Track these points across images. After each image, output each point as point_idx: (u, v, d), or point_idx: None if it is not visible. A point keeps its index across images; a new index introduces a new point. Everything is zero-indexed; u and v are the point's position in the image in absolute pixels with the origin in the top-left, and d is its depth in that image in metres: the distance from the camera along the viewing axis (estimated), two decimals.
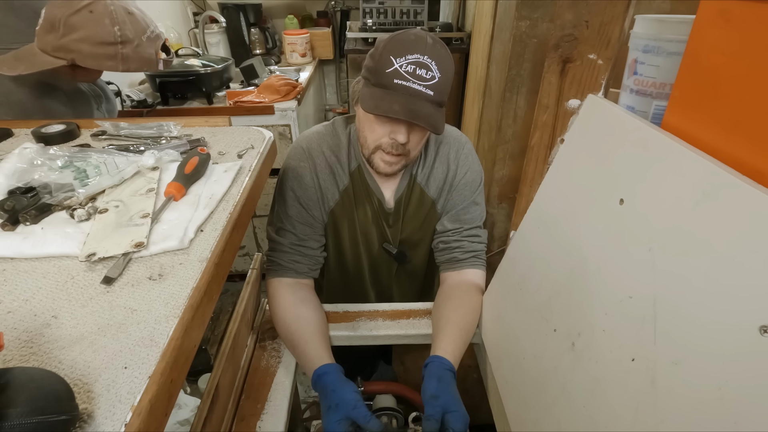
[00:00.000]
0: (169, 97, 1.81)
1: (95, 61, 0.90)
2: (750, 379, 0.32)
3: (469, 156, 0.91)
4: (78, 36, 0.87)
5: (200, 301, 0.46)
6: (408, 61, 0.71)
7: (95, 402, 0.36)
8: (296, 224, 0.86)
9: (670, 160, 0.43)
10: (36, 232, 0.54)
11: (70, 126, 0.79)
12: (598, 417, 0.49)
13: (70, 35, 0.87)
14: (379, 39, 0.77)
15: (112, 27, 0.88)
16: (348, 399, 0.67)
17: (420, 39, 0.72)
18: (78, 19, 0.87)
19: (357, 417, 0.66)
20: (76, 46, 0.88)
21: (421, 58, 0.71)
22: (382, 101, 0.72)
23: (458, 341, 0.78)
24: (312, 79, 2.15)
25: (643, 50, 0.50)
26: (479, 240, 0.92)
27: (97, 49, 0.89)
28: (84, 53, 0.88)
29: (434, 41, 0.74)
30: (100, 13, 0.88)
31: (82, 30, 0.87)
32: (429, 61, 0.71)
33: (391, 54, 0.72)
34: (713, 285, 0.36)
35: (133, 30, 0.92)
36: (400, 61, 0.71)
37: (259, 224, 2.01)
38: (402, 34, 0.74)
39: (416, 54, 0.71)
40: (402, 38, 0.73)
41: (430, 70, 0.71)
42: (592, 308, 0.52)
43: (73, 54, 0.88)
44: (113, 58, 0.91)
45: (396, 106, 0.72)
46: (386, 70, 0.72)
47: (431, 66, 0.71)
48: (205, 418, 0.65)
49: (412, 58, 0.71)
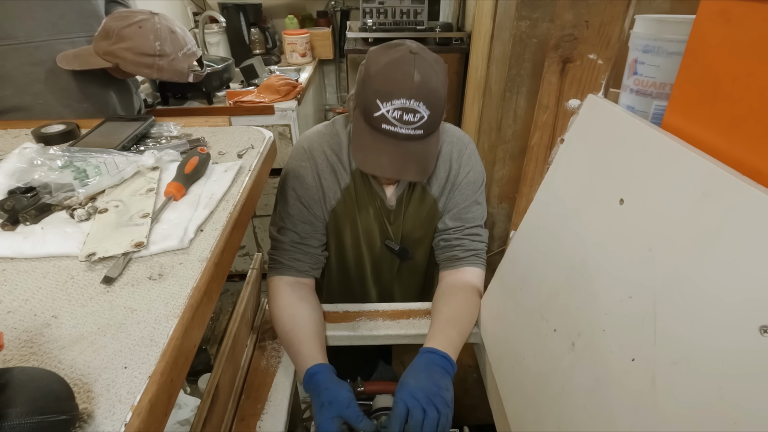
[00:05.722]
0: (169, 97, 1.81)
1: (135, 68, 1.07)
2: (750, 379, 0.32)
3: (472, 156, 0.91)
4: (125, 45, 1.03)
5: (200, 301, 0.46)
6: (395, 106, 0.69)
7: (95, 402, 0.36)
8: (297, 223, 0.87)
9: (670, 160, 0.43)
10: (36, 231, 0.54)
11: (70, 126, 0.79)
12: (598, 417, 0.49)
13: (119, 44, 1.03)
14: (368, 59, 0.75)
15: (154, 42, 1.04)
16: (342, 398, 0.68)
17: (406, 77, 0.69)
18: (128, 32, 1.03)
19: (349, 416, 0.66)
20: (121, 54, 1.04)
21: (407, 103, 0.69)
22: (371, 152, 0.73)
23: (449, 331, 0.78)
24: (312, 79, 2.15)
25: (643, 50, 0.50)
26: (480, 239, 0.92)
27: (138, 58, 1.05)
28: (127, 60, 1.04)
29: (422, 74, 0.69)
30: (147, 29, 1.04)
31: (130, 41, 1.03)
32: (416, 104, 0.69)
33: (378, 97, 0.70)
34: (713, 285, 0.36)
35: (172, 46, 1.08)
36: (386, 106, 0.70)
37: (259, 224, 2.01)
38: (388, 69, 0.70)
39: (402, 99, 0.69)
40: (388, 76, 0.70)
41: (418, 112, 0.70)
42: (592, 308, 0.52)
43: (118, 60, 1.05)
44: (150, 67, 1.07)
45: (384, 160, 0.73)
46: (374, 114, 0.71)
47: (419, 108, 0.70)
48: (205, 418, 0.65)
49: (399, 103, 0.69)
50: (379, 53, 0.74)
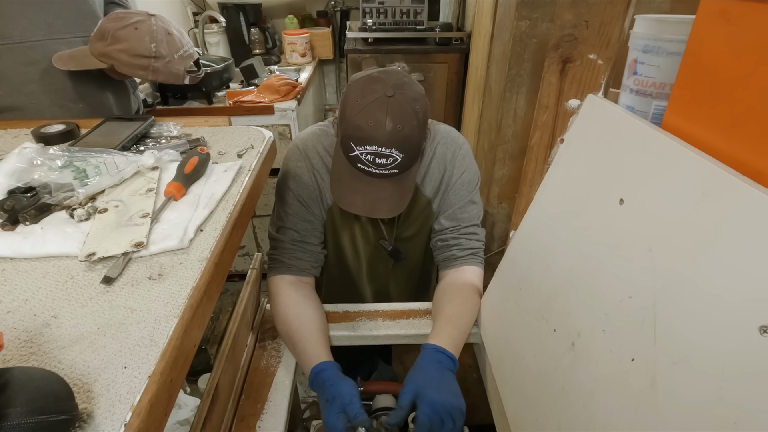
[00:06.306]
0: (169, 97, 1.80)
1: (130, 69, 1.06)
2: (750, 379, 0.32)
3: (466, 157, 0.92)
4: (120, 47, 1.03)
5: (200, 301, 0.46)
6: (367, 151, 0.71)
7: (95, 402, 0.36)
8: (297, 222, 0.87)
9: (670, 160, 0.43)
10: (36, 231, 0.54)
11: (69, 126, 0.79)
12: (598, 417, 0.49)
13: (114, 45, 1.02)
14: (346, 95, 0.75)
15: (149, 44, 1.03)
16: (345, 392, 0.68)
17: (378, 125, 0.69)
18: (124, 33, 1.02)
19: (349, 411, 0.67)
20: (117, 55, 1.03)
21: (379, 149, 0.71)
22: (347, 189, 0.77)
23: (452, 330, 0.78)
24: (312, 79, 2.15)
25: (643, 50, 0.50)
26: (477, 238, 0.92)
27: (134, 59, 1.04)
28: (122, 61, 1.04)
29: (394, 121, 0.69)
30: (143, 31, 1.03)
31: (125, 42, 1.02)
32: (387, 150, 0.71)
33: (351, 141, 0.72)
34: (713, 285, 0.36)
35: (168, 48, 1.07)
36: (360, 149, 0.72)
37: (259, 224, 2.01)
38: (361, 116, 0.70)
39: (374, 146, 0.70)
40: (360, 123, 0.70)
41: (391, 156, 0.72)
42: (592, 308, 0.52)
43: (113, 61, 1.04)
44: (145, 69, 1.06)
45: (357, 199, 0.76)
46: (349, 154, 0.73)
47: (391, 153, 0.71)
48: (204, 418, 0.65)
49: (371, 149, 0.71)
50: (356, 92, 0.73)
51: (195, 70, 1.18)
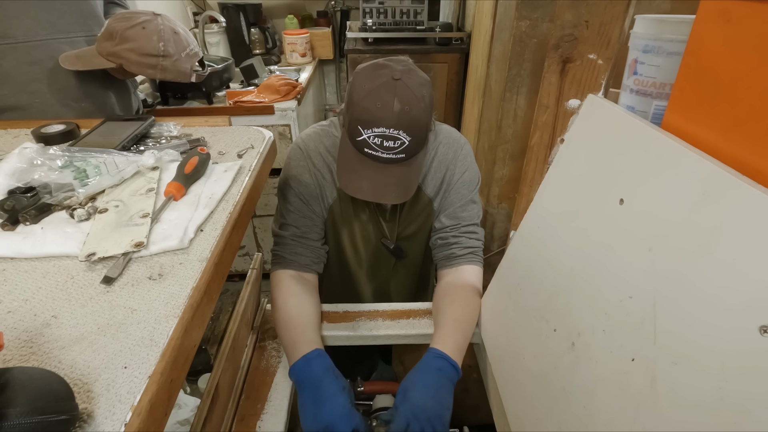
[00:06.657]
0: (169, 96, 1.80)
1: (138, 68, 1.08)
2: (750, 379, 0.32)
3: (468, 157, 0.93)
4: (129, 46, 1.04)
5: (200, 301, 0.46)
6: (375, 133, 0.71)
7: (95, 402, 0.36)
8: (297, 218, 0.89)
9: (670, 160, 0.43)
10: (36, 231, 0.54)
11: (69, 126, 0.79)
12: (598, 417, 0.49)
13: (123, 45, 1.04)
14: (353, 81, 0.75)
15: (157, 43, 1.05)
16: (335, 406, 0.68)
17: (386, 106, 0.70)
18: (132, 33, 1.03)
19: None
20: (126, 54, 1.04)
21: (387, 131, 0.70)
22: (353, 176, 0.76)
23: (457, 335, 0.78)
24: (312, 79, 2.15)
25: (643, 50, 0.50)
26: (476, 237, 0.93)
27: (142, 59, 1.05)
28: (131, 61, 1.05)
29: (402, 103, 0.70)
30: (151, 30, 1.04)
31: (133, 42, 1.04)
32: (395, 132, 0.71)
33: (359, 124, 0.72)
34: (713, 285, 0.36)
35: (175, 47, 1.08)
36: (367, 133, 0.71)
37: (259, 224, 2.01)
38: (368, 98, 0.71)
39: (382, 128, 0.70)
40: (368, 105, 0.70)
41: (399, 139, 0.71)
42: (592, 308, 0.52)
43: (122, 60, 1.05)
44: (153, 67, 1.07)
45: (364, 184, 0.75)
46: (356, 138, 0.73)
47: (399, 135, 0.71)
48: (204, 418, 0.65)
49: (379, 131, 0.71)
50: (364, 77, 0.74)
51: (200, 68, 1.20)
